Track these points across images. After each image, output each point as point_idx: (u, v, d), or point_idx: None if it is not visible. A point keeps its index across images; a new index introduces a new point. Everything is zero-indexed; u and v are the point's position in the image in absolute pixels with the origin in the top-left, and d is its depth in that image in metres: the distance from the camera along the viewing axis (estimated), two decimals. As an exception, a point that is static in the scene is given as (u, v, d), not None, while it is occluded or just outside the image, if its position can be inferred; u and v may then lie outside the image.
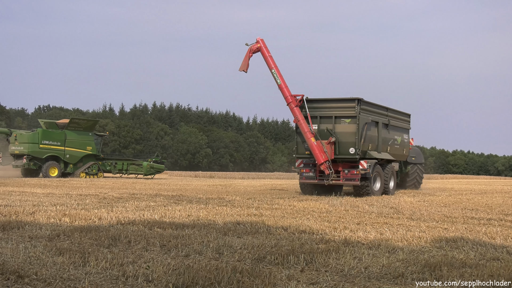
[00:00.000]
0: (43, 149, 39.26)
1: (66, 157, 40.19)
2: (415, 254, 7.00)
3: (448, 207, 14.54)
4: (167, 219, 10.42)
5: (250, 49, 20.48)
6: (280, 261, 6.50)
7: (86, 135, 41.78)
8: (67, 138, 40.56)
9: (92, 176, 40.31)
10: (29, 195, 16.73)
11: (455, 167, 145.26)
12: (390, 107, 22.62)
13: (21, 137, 39.23)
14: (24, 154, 39.01)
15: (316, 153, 19.68)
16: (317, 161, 19.75)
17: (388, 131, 22.14)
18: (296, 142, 20.67)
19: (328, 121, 19.97)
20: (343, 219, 11.09)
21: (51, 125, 40.89)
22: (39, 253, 6.76)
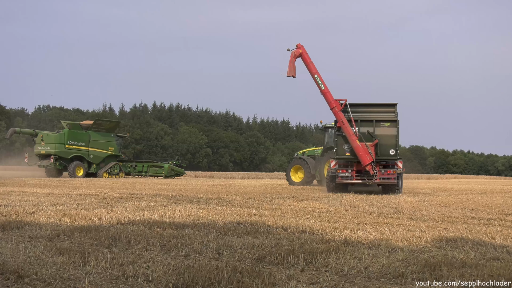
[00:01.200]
0: (68, 149, 40.55)
1: (90, 157, 41.75)
2: (415, 254, 7.00)
3: (448, 207, 14.53)
4: (167, 219, 10.42)
5: (293, 54, 21.17)
6: (280, 261, 6.50)
7: (108, 136, 43.29)
8: (91, 138, 41.88)
9: (114, 176, 41.79)
10: (29, 195, 16.73)
11: (455, 167, 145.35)
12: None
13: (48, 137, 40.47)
14: (50, 154, 40.20)
15: (361, 155, 20.63)
16: (363, 162, 20.69)
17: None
18: (337, 144, 21.43)
19: (368, 124, 21.05)
20: (343, 219, 11.09)
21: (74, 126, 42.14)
22: (39, 253, 6.76)
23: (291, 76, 21.23)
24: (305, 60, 21.51)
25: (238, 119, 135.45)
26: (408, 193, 22.04)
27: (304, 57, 21.46)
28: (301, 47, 21.39)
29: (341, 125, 21.01)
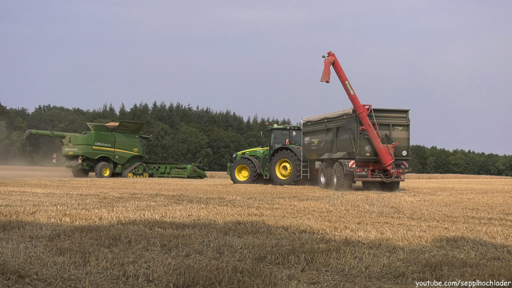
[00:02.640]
0: (95, 150, 42.24)
1: (116, 158, 43.77)
2: (416, 254, 7.00)
3: (449, 207, 14.53)
4: (168, 219, 10.42)
5: (328, 61, 22.82)
6: (281, 261, 6.50)
7: (133, 137, 44.97)
8: (116, 140, 43.52)
9: (138, 176, 43.36)
10: (29, 195, 16.74)
11: (456, 166, 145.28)
12: None
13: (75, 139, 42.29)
14: (78, 155, 41.90)
15: (384, 155, 22.54)
16: (385, 162, 22.60)
17: None
18: (359, 145, 22.96)
19: (385, 128, 23.19)
20: (344, 218, 11.09)
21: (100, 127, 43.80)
22: (39, 253, 6.76)
23: (325, 81, 22.69)
24: (337, 67, 23.10)
25: (239, 119, 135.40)
26: (408, 192, 22.04)
27: (336, 64, 23.03)
28: (333, 55, 22.96)
29: (367, 128, 22.57)
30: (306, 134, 28.30)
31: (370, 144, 22.86)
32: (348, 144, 23.74)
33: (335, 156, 24.42)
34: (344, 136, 24.17)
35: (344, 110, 24.26)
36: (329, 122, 25.86)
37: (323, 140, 26.29)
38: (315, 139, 27.13)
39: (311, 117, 28.28)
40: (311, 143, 27.47)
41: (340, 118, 24.83)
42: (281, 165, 29.35)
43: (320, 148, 26.47)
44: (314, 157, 27.44)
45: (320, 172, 26.02)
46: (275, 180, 29.17)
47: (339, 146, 24.68)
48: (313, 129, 27.66)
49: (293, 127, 30.93)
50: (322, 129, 26.51)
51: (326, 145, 25.93)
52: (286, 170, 29.20)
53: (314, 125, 27.59)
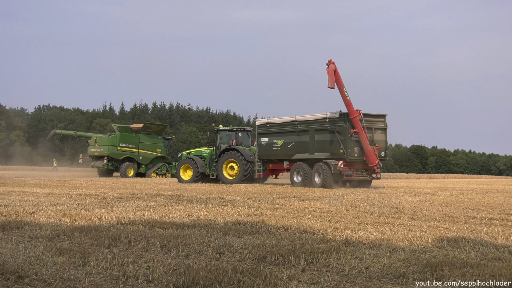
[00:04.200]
0: (120, 151, 43.96)
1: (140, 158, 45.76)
2: (417, 254, 7.00)
3: (450, 207, 14.53)
4: (168, 219, 10.43)
5: (331, 69, 24.73)
6: (281, 261, 6.50)
7: (156, 138, 46.66)
8: (140, 141, 45.10)
9: (161, 176, 44.88)
10: (29, 195, 16.75)
11: (457, 166, 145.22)
12: None
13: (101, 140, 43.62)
14: (104, 155, 43.66)
15: (371, 156, 24.89)
16: (372, 162, 25.00)
17: None
18: (350, 147, 24.92)
19: (369, 131, 25.35)
20: (344, 219, 11.09)
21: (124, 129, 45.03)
22: (39, 253, 6.77)
23: (331, 87, 24.68)
24: (337, 75, 25.07)
25: (239, 119, 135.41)
26: (409, 193, 22.05)
27: (336, 72, 25.03)
28: (334, 63, 24.89)
29: (359, 131, 24.59)
30: (264, 135, 29.59)
31: (358, 145, 25.04)
32: (333, 145, 25.65)
33: (317, 157, 26.20)
34: (327, 138, 26.08)
35: (327, 113, 26.15)
36: (303, 125, 27.47)
37: (292, 141, 27.82)
38: (278, 140, 28.60)
39: (271, 119, 30.52)
40: (272, 144, 28.88)
41: (321, 120, 26.52)
42: (228, 165, 30.63)
43: (289, 148, 27.93)
44: (277, 157, 28.98)
45: (293, 172, 27.22)
46: (222, 179, 30.53)
47: (318, 147, 26.46)
48: (275, 130, 29.06)
49: (239, 129, 32.38)
50: (291, 131, 28.01)
51: (297, 146, 27.54)
52: (233, 170, 30.48)
53: (278, 127, 29.08)
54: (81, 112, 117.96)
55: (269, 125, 29.56)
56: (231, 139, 31.50)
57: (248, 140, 32.31)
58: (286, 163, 28.33)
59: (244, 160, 29.76)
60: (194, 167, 31.63)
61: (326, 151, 25.95)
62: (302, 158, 27.01)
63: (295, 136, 27.64)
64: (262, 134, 29.66)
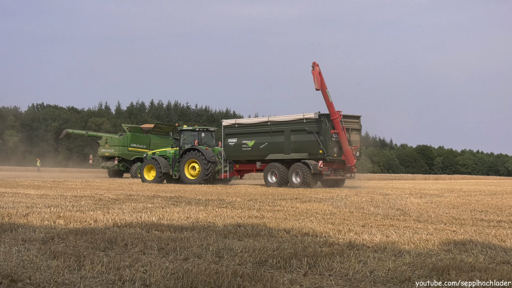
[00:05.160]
0: (131, 151, 44.61)
1: None
2: (422, 258, 7.00)
3: (457, 209, 14.53)
4: (165, 221, 10.43)
5: (317, 71, 26.02)
6: (282, 265, 6.50)
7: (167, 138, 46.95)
8: (151, 141, 45.68)
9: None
10: (22, 196, 16.75)
11: (464, 167, 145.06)
12: None
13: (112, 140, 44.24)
14: (114, 156, 44.43)
15: (350, 156, 26.40)
16: (350, 162, 26.51)
17: None
18: (331, 147, 26.16)
19: (346, 132, 26.48)
20: (348, 221, 11.09)
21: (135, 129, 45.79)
22: (32, 256, 6.77)
23: (318, 89, 25.98)
24: (321, 76, 26.25)
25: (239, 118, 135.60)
26: (415, 194, 22.05)
27: (321, 74, 26.21)
28: (318, 65, 26.08)
29: (339, 132, 25.99)
30: (232, 135, 30.45)
31: (337, 146, 26.42)
32: (311, 146, 26.81)
33: (294, 157, 27.38)
34: (305, 138, 27.21)
35: (304, 114, 27.29)
36: (277, 125, 28.54)
37: (265, 142, 28.86)
38: (248, 140, 29.53)
39: (239, 119, 31.97)
40: (242, 145, 29.80)
41: (297, 121, 27.66)
42: (190, 165, 31.38)
43: (261, 149, 28.92)
44: (248, 158, 29.94)
45: (267, 172, 28.18)
46: (184, 180, 31.30)
47: (295, 148, 27.62)
48: (245, 131, 29.97)
49: (202, 129, 33.22)
50: (263, 131, 29.06)
51: (271, 146, 28.61)
52: (194, 170, 31.22)
53: (248, 127, 30.14)
54: (76, 111, 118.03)
55: (238, 125, 30.53)
56: (193, 139, 32.40)
57: (212, 141, 33.20)
58: (259, 163, 29.27)
59: (205, 160, 30.50)
60: (157, 167, 32.32)
61: (303, 151, 27.16)
62: (277, 158, 28.09)
63: (269, 137, 28.72)
64: (229, 134, 30.57)
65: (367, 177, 66.49)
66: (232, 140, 30.34)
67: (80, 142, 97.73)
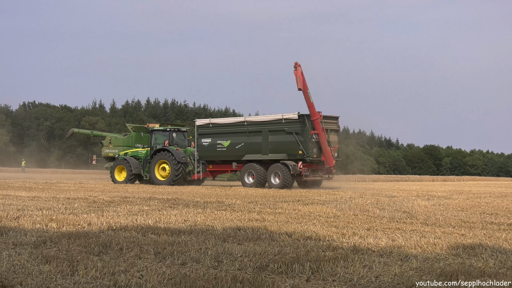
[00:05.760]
0: None
1: None
2: (430, 262, 7.00)
3: (466, 212, 14.53)
4: (162, 224, 10.43)
5: (299, 71, 27.07)
6: (284, 270, 6.50)
7: None
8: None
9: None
10: (13, 198, 16.76)
11: (473, 168, 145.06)
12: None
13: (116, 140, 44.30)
14: None
15: (329, 157, 27.34)
16: (330, 163, 27.41)
17: None
18: (311, 147, 26.94)
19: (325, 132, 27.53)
20: (352, 224, 11.10)
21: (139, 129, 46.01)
22: (24, 261, 6.77)
23: (301, 89, 26.96)
24: (303, 76, 27.32)
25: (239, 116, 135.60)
26: (422, 196, 22.06)
27: (303, 74, 27.28)
28: (300, 65, 27.18)
29: (320, 132, 26.94)
30: (206, 136, 31.03)
31: (317, 146, 27.32)
32: (290, 146, 27.56)
33: (272, 158, 28.13)
34: (283, 139, 27.98)
35: (283, 115, 28.08)
36: (254, 126, 29.26)
37: (241, 142, 29.48)
38: (224, 141, 30.15)
39: (214, 119, 31.97)
40: (217, 145, 30.41)
41: (276, 122, 28.40)
42: (160, 166, 31.90)
43: (237, 149, 29.56)
44: (223, 158, 30.59)
45: (244, 173, 28.95)
46: (154, 180, 31.76)
47: (273, 148, 28.34)
48: (220, 131, 30.56)
49: (174, 129, 33.58)
50: (239, 132, 29.70)
51: (248, 146, 29.25)
52: (165, 171, 31.75)
53: (223, 127, 30.72)
54: (69, 110, 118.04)
55: (212, 125, 30.97)
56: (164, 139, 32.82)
57: (185, 141, 33.59)
58: (235, 164, 29.85)
59: (175, 161, 30.94)
60: (127, 168, 32.85)
61: (282, 152, 27.92)
62: (255, 159, 28.72)
63: (245, 137, 29.32)
64: (203, 134, 31.07)
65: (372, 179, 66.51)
66: (206, 140, 30.89)
67: (73, 142, 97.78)
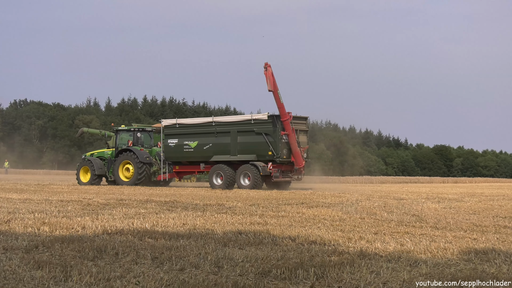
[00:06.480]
0: None
1: None
2: (440, 268, 7.01)
3: (478, 215, 14.52)
4: (160, 228, 10.44)
5: (270, 72, 28.10)
6: (287, 276, 6.51)
7: None
8: None
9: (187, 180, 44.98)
10: (3, 201, 16.79)
11: (486, 169, 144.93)
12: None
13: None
14: None
15: (299, 158, 28.47)
16: (299, 164, 28.53)
17: None
18: (280, 148, 28.06)
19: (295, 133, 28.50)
20: (359, 228, 11.10)
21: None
22: (15, 266, 6.78)
23: (271, 90, 28.08)
24: (273, 77, 28.34)
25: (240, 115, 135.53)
26: (432, 198, 22.05)
27: (273, 74, 28.32)
28: (270, 66, 28.19)
29: (289, 133, 27.94)
30: (173, 136, 31.67)
31: (287, 147, 28.34)
32: (260, 147, 28.48)
33: (241, 159, 28.98)
34: (253, 140, 28.87)
35: (252, 115, 29.36)
36: (222, 126, 30.18)
37: (209, 143, 30.22)
38: (191, 141, 30.81)
39: (181, 119, 32.80)
40: (184, 146, 31.06)
41: (245, 122, 29.49)
42: (124, 166, 32.71)
43: (205, 150, 30.28)
44: (190, 159, 31.29)
45: (212, 174, 29.59)
46: (118, 181, 32.56)
47: (242, 149, 29.19)
48: (187, 131, 31.27)
49: (138, 129, 34.59)
50: (207, 132, 30.45)
51: (216, 147, 30.03)
52: (129, 171, 32.55)
53: (191, 128, 31.50)
54: (62, 108, 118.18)
55: (179, 125, 31.62)
56: (128, 139, 33.60)
57: (150, 141, 34.31)
58: (202, 165, 30.52)
59: (138, 161, 31.70)
60: (91, 169, 33.38)
61: (251, 153, 28.82)
62: (223, 160, 29.55)
63: (213, 138, 30.08)
64: (170, 135, 31.68)
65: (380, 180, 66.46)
66: (173, 141, 31.50)
67: (66, 141, 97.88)
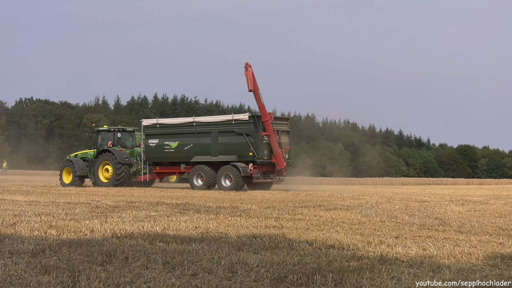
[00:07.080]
0: None
1: None
2: (465, 274, 6.97)
3: (504, 218, 14.44)
4: (171, 231, 10.46)
5: (250, 72, 28.92)
6: (304, 281, 6.50)
7: None
8: None
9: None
10: (9, 203, 16.88)
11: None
12: None
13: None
14: None
15: (280, 159, 29.29)
16: (281, 165, 29.37)
17: None
18: (261, 149, 28.90)
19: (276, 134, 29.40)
20: (379, 231, 11.07)
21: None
22: (21, 271, 6.82)
23: (251, 90, 28.94)
24: (254, 77, 29.13)
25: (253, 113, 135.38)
26: (456, 201, 21.94)
27: (253, 74, 29.10)
28: (251, 66, 29.03)
29: (271, 134, 28.74)
30: (153, 136, 32.43)
31: (268, 148, 29.18)
32: (241, 148, 29.35)
33: (222, 159, 29.86)
34: (233, 140, 29.74)
35: (233, 116, 30.37)
36: (203, 126, 31.06)
37: (190, 143, 31.01)
38: (172, 142, 31.57)
39: (161, 119, 33.71)
40: (164, 146, 31.80)
41: (226, 122, 30.41)
42: (104, 167, 33.24)
43: (185, 151, 31.06)
44: (170, 160, 31.99)
45: (193, 175, 30.41)
46: (98, 182, 33.07)
47: (223, 150, 30.05)
48: (168, 131, 32.04)
49: (119, 129, 35.32)
50: (188, 132, 31.22)
51: (197, 148, 30.81)
52: (108, 172, 33.10)
53: (171, 128, 32.30)
54: (69, 106, 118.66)
55: (160, 125, 32.34)
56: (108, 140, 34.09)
57: (131, 141, 35.03)
58: (183, 165, 31.35)
59: (118, 163, 32.20)
60: (72, 170, 33.93)
61: (232, 153, 29.67)
62: (204, 160, 30.38)
63: (194, 138, 30.87)
64: (150, 135, 32.42)
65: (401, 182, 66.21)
66: (153, 141, 32.21)
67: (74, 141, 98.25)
